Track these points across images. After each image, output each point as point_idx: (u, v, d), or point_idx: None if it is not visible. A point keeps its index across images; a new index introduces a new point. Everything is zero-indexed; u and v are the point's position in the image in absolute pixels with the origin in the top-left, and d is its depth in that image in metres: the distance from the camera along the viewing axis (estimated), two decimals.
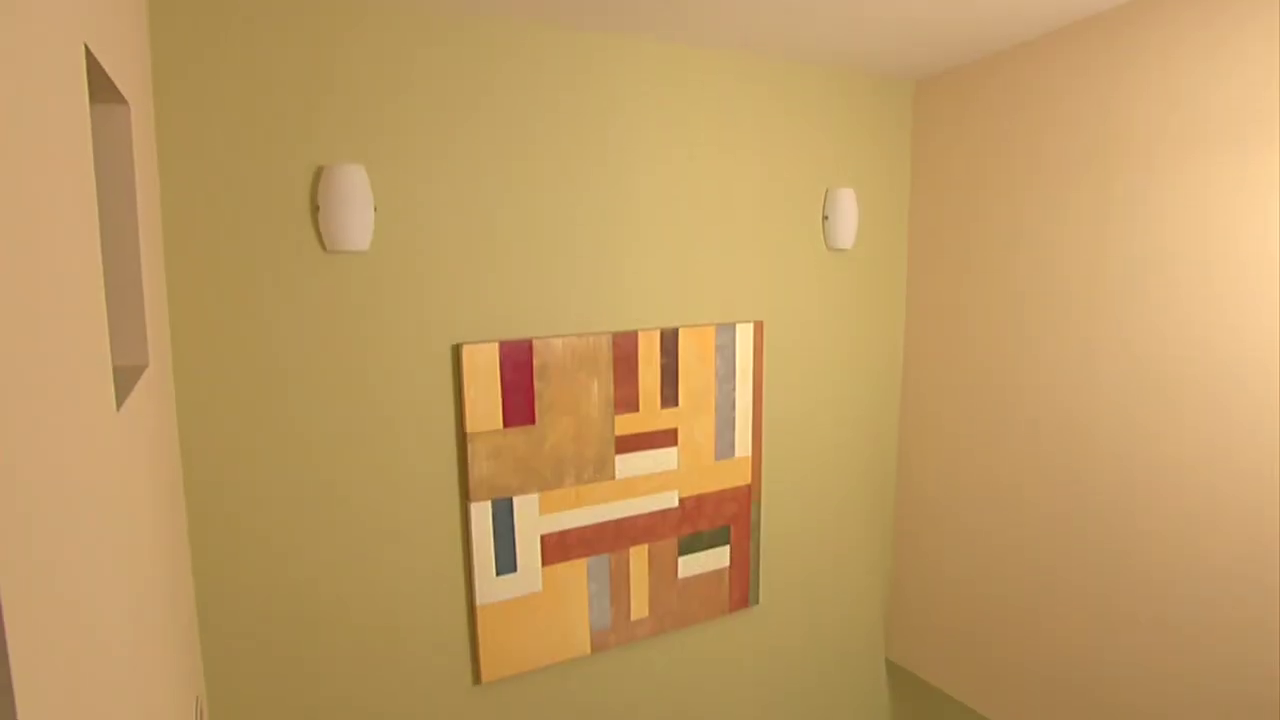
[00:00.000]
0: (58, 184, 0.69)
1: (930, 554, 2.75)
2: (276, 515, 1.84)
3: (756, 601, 2.55)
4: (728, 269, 2.35)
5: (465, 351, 1.95)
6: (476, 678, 2.14)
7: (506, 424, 2.02)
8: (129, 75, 1.22)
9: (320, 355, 1.84)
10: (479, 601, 2.06)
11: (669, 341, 2.23)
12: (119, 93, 1.11)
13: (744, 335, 2.36)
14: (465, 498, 2.02)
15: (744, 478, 2.43)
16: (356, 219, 1.79)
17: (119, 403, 0.98)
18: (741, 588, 2.50)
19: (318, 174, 1.78)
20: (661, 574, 2.33)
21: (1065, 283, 2.20)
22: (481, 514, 2.02)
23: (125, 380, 1.13)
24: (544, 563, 2.13)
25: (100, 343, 0.87)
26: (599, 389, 2.13)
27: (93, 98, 1.12)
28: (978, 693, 2.64)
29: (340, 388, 1.87)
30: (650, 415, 2.22)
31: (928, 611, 2.79)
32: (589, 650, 2.25)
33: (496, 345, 1.98)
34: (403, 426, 1.94)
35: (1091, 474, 2.18)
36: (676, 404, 2.26)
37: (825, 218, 2.50)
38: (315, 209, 1.79)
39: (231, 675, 1.86)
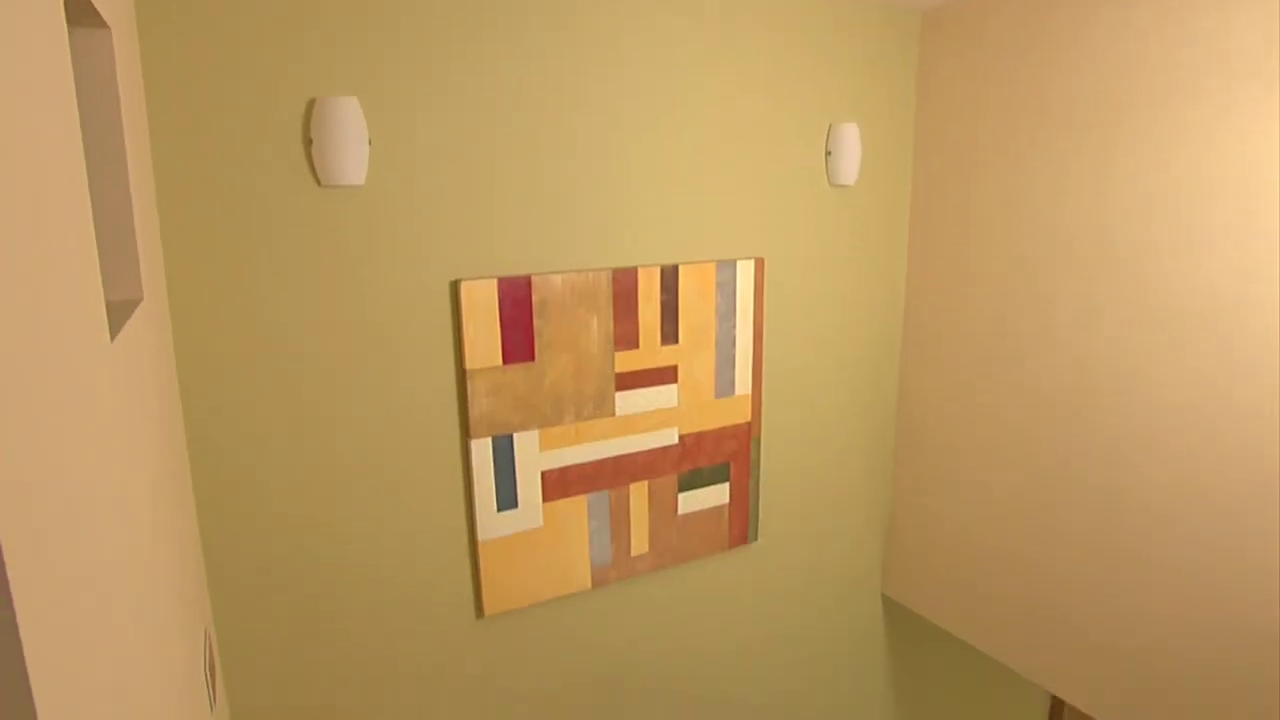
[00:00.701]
0: (36, 113, 0.67)
1: (928, 492, 2.77)
2: (278, 451, 1.84)
3: (755, 538, 2.58)
4: (729, 205, 2.32)
5: (464, 288, 1.93)
6: (479, 611, 2.17)
7: (506, 361, 2.01)
8: None
9: (318, 291, 1.82)
10: (481, 537, 2.08)
11: (669, 278, 2.21)
12: (99, 16, 1.07)
13: (745, 272, 2.34)
14: (466, 434, 2.02)
15: (744, 415, 2.43)
16: (350, 153, 1.75)
17: (113, 334, 0.96)
18: (741, 524, 2.52)
19: (310, 106, 1.74)
20: (661, 510, 2.35)
21: (1070, 223, 2.17)
22: (482, 450, 2.02)
23: (119, 314, 1.11)
24: (545, 499, 2.14)
25: (91, 273, 0.86)
26: (599, 326, 2.12)
27: (70, 20, 1.08)
28: (972, 627, 2.69)
29: (338, 323, 1.85)
30: (650, 352, 2.21)
31: (924, 548, 2.82)
32: (589, 585, 2.28)
33: (495, 281, 1.96)
34: (402, 362, 1.93)
35: (1092, 413, 2.18)
36: (677, 341, 2.25)
37: (828, 153, 2.46)
38: (308, 142, 1.76)
39: (238, 608, 1.88)
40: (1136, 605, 2.16)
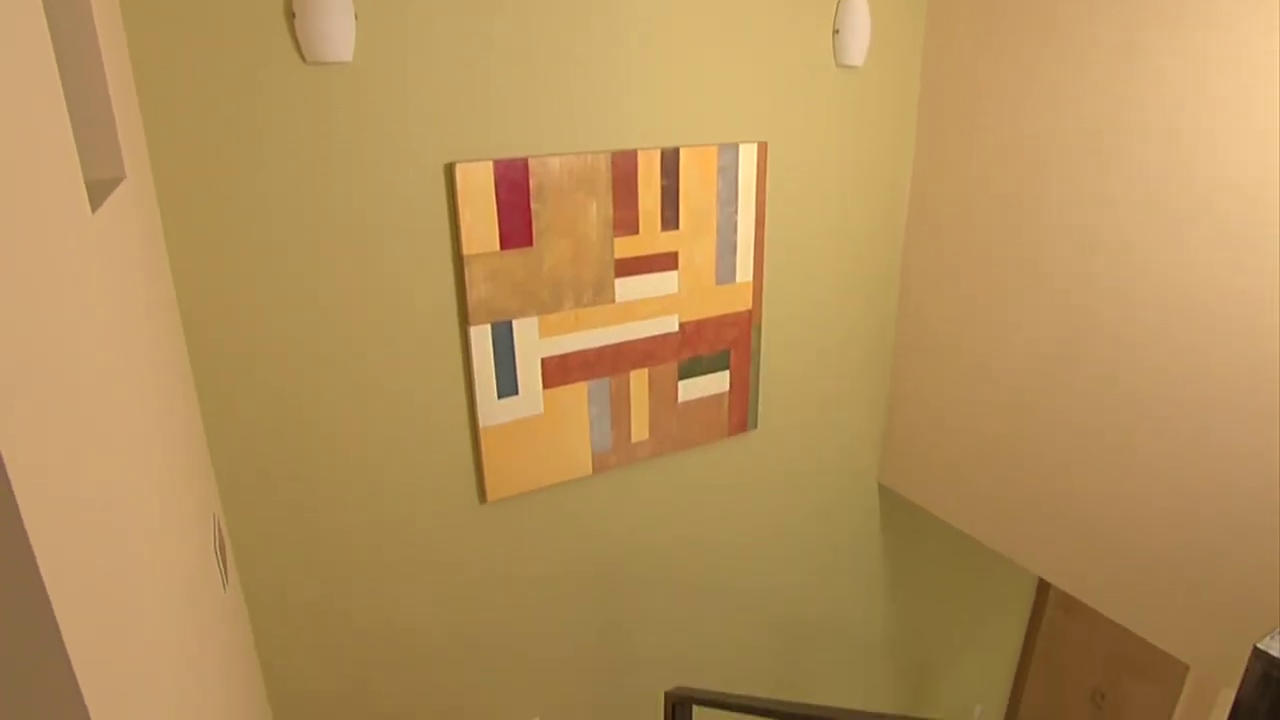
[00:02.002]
0: None
1: (927, 383, 2.77)
2: (275, 337, 1.83)
3: (755, 426, 2.60)
4: (731, 85, 2.23)
5: (459, 170, 1.87)
6: (482, 497, 2.20)
7: (503, 246, 1.97)
8: None
9: (308, 173, 1.77)
10: (482, 424, 2.09)
11: (669, 162, 2.15)
12: None
13: (747, 156, 2.27)
14: (464, 321, 2.00)
15: (745, 303, 2.41)
16: (335, 26, 1.67)
17: (94, 208, 0.93)
18: (740, 412, 2.53)
19: None
20: (661, 397, 2.35)
21: (1086, 111, 2.09)
22: (481, 337, 2.01)
23: (100, 191, 1.08)
24: (545, 386, 2.14)
25: (65, 142, 0.82)
26: (597, 210, 2.07)
27: None
28: (966, 515, 2.74)
29: (331, 206, 1.81)
30: (650, 238, 2.17)
31: (922, 439, 2.85)
32: (590, 471, 2.31)
33: (491, 164, 1.91)
34: (398, 247, 1.90)
35: (1097, 305, 2.16)
36: (677, 227, 2.21)
37: (836, 31, 2.35)
38: (291, 15, 1.67)
39: (244, 493, 1.91)
40: (1130, 495, 2.19)
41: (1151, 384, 2.08)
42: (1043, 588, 4.29)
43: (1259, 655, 0.72)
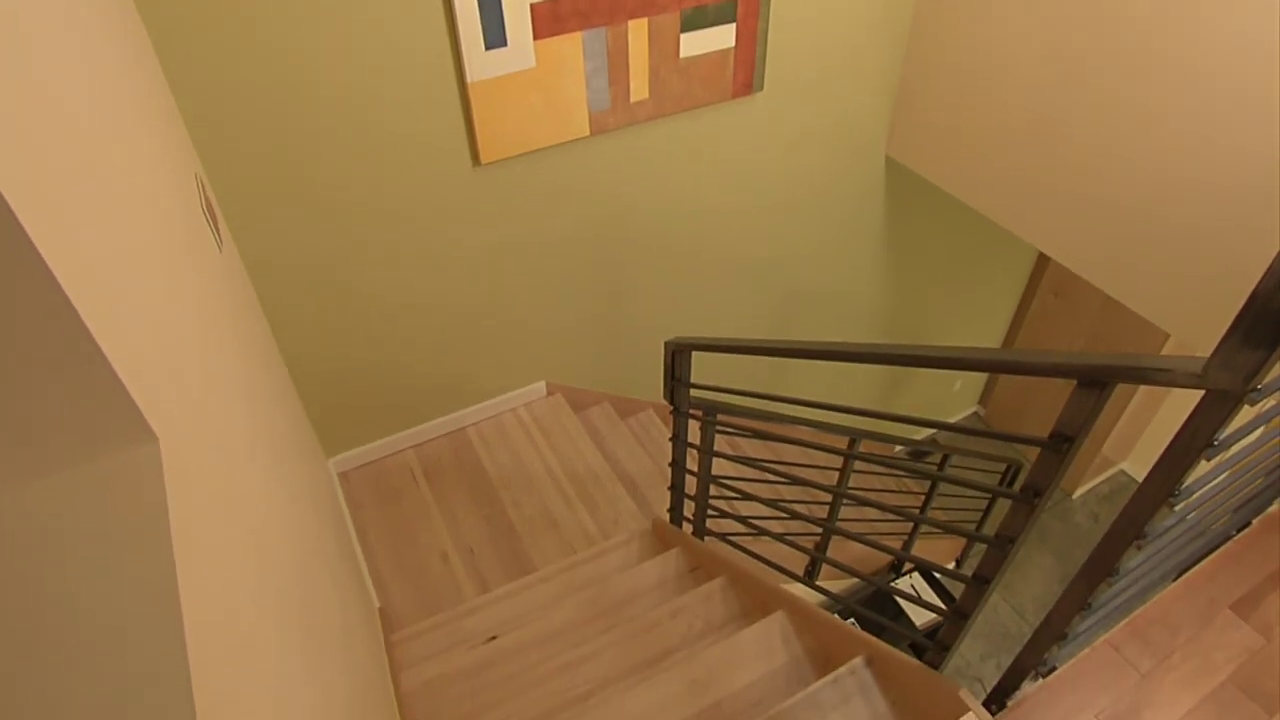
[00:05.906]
0: None
1: (943, 54, 2.58)
2: None
3: (761, 88, 2.46)
4: None
5: None
6: (475, 159, 2.13)
7: None
8: None
9: None
10: (470, 78, 1.96)
11: None
12: None
13: None
14: None
15: None
16: None
17: None
18: (746, 72, 2.38)
19: None
20: (662, 52, 2.19)
21: None
22: None
23: None
24: (536, 36, 1.98)
25: None
26: None
27: None
28: (971, 188, 2.69)
29: None
30: None
31: (932, 111, 2.71)
32: (588, 132, 2.22)
33: None
34: None
35: None
36: None
37: None
38: None
39: (225, 155, 1.84)
40: (1134, 173, 2.16)
41: (1168, 67, 1.96)
42: (1036, 271, 4.35)
43: None
